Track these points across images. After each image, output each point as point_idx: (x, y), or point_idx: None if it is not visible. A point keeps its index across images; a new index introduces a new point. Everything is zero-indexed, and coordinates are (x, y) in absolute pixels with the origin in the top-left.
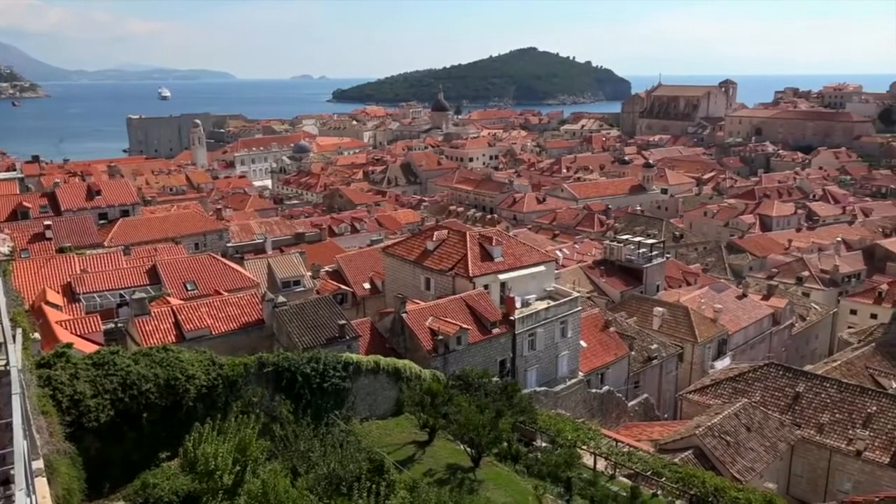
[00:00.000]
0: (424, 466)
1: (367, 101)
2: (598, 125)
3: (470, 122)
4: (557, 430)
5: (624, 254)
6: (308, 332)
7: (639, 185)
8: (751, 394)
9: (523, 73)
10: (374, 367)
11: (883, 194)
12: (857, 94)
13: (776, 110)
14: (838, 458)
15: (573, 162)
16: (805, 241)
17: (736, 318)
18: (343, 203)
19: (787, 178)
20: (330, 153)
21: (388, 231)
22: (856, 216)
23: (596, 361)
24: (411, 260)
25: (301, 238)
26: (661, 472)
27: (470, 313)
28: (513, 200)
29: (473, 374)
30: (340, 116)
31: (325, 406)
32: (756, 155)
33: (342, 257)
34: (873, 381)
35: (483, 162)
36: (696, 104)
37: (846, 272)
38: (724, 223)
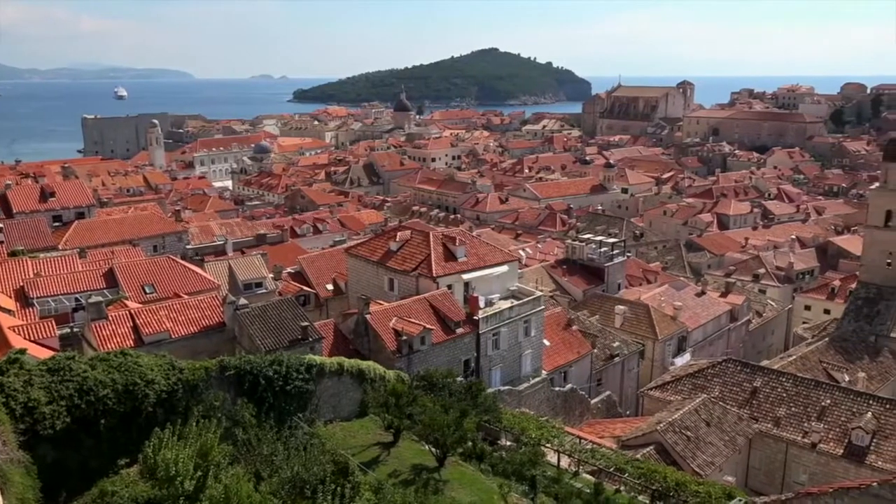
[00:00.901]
0: (389, 467)
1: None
2: (559, 125)
3: (432, 122)
4: (522, 429)
5: (586, 253)
6: (270, 335)
7: (600, 184)
8: (710, 389)
9: (485, 73)
10: (338, 369)
11: (835, 193)
12: (809, 95)
13: (732, 111)
14: (794, 450)
15: (535, 162)
16: (761, 239)
17: (695, 315)
18: (305, 204)
19: (744, 177)
20: (291, 154)
21: (351, 232)
22: (809, 214)
23: (559, 360)
24: (374, 261)
25: (262, 239)
26: (624, 468)
27: (434, 313)
28: (476, 200)
29: (438, 375)
30: (302, 117)
31: (288, 409)
32: (713, 155)
33: (304, 258)
34: (827, 374)
35: (446, 162)
36: (654, 105)
37: (800, 269)
38: (683, 222)
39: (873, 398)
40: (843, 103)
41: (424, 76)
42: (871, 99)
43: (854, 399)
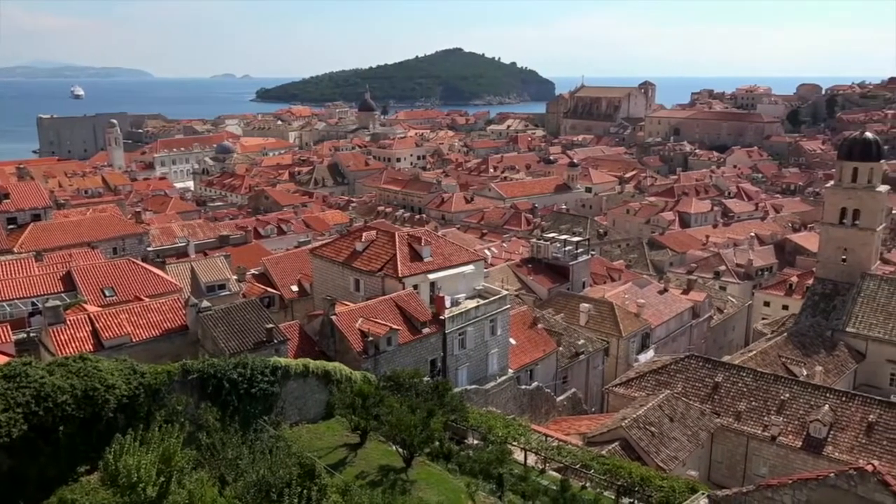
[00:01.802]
0: (356, 469)
1: (292, 100)
2: (523, 125)
3: (397, 122)
4: (488, 428)
5: (550, 252)
6: (234, 337)
7: (564, 184)
8: (673, 385)
9: (449, 73)
10: (304, 371)
11: (792, 191)
12: (766, 95)
13: (693, 111)
14: (755, 443)
15: (500, 162)
16: (721, 236)
17: (658, 312)
18: (269, 204)
19: (704, 176)
20: (254, 154)
21: (316, 232)
22: (767, 212)
23: (525, 358)
24: (340, 261)
25: (225, 241)
26: (590, 464)
27: (400, 314)
28: (441, 200)
29: (404, 375)
30: (265, 116)
31: (253, 412)
32: (674, 154)
33: (269, 260)
34: (786, 369)
35: (411, 162)
36: (617, 105)
37: (759, 266)
38: (646, 220)
39: (830, 391)
40: (799, 104)
41: (389, 76)
42: (826, 99)
43: (812, 392)
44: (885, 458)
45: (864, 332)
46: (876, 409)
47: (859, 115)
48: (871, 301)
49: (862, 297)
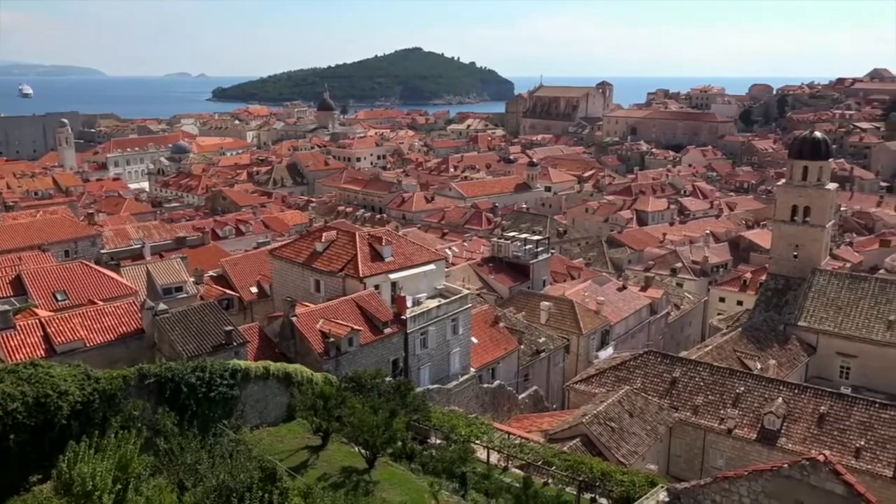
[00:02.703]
0: (318, 471)
1: (249, 100)
2: (483, 125)
3: (357, 121)
4: (451, 427)
5: (511, 250)
6: (192, 340)
7: (524, 183)
8: (632, 381)
9: (409, 73)
10: (264, 373)
11: (745, 189)
12: (720, 96)
13: (649, 111)
14: (712, 436)
15: (460, 161)
16: (678, 234)
17: (617, 309)
18: (227, 205)
19: (661, 175)
20: (211, 154)
21: (275, 233)
22: (722, 210)
23: (487, 357)
24: (300, 262)
25: (182, 242)
26: (552, 461)
27: (361, 314)
28: (401, 200)
29: (366, 375)
30: (222, 116)
31: (212, 416)
32: (632, 153)
33: (227, 261)
34: (741, 363)
35: (371, 162)
36: (575, 105)
37: (715, 263)
38: (604, 219)
39: (783, 384)
40: (752, 103)
41: (348, 75)
42: (777, 99)
43: (766, 385)
44: (836, 448)
45: (815, 325)
46: (827, 401)
47: (809, 115)
48: (821, 296)
49: (813, 292)
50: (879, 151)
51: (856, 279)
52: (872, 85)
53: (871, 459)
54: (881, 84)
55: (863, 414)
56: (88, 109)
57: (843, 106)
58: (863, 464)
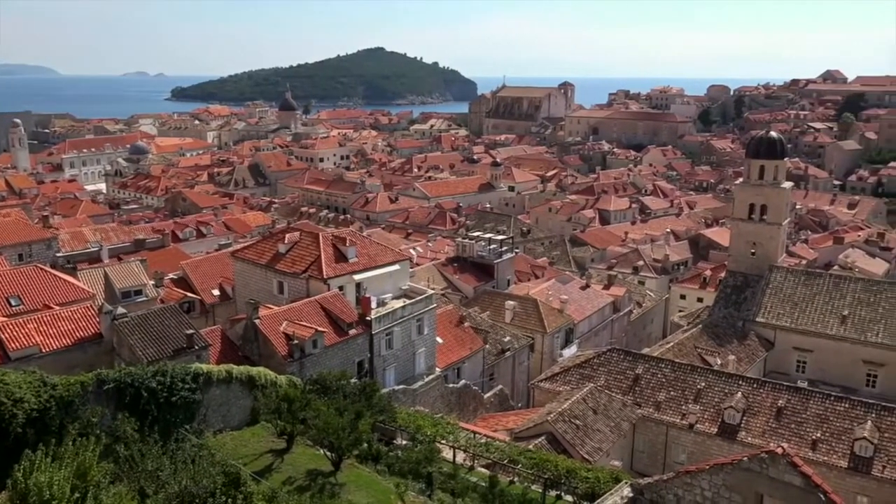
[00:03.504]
0: (283, 475)
1: (209, 99)
2: (446, 125)
3: (319, 121)
4: (417, 427)
5: (475, 250)
6: (152, 344)
7: (487, 183)
8: (596, 378)
9: (372, 72)
10: (227, 377)
11: (704, 188)
12: (679, 96)
13: (610, 111)
14: (674, 432)
15: (424, 161)
16: (639, 233)
17: (581, 307)
18: (187, 207)
19: (622, 174)
20: (171, 154)
21: (237, 235)
22: (682, 209)
23: (452, 356)
24: (263, 264)
25: (141, 245)
26: (518, 459)
27: (325, 316)
28: (365, 200)
29: (331, 377)
30: (181, 116)
31: (174, 421)
32: (594, 153)
33: (188, 263)
34: (701, 359)
35: (334, 162)
36: (538, 105)
37: (675, 260)
38: (567, 218)
39: (742, 379)
40: (710, 104)
41: (310, 75)
42: (734, 100)
43: (726, 381)
44: (794, 440)
45: (773, 321)
46: (784, 395)
47: (765, 115)
48: (778, 292)
49: (770, 289)
50: (832, 151)
51: (811, 275)
52: (825, 86)
53: (827, 451)
54: (833, 85)
55: (819, 407)
56: (42, 109)
57: (797, 106)
58: (819, 455)
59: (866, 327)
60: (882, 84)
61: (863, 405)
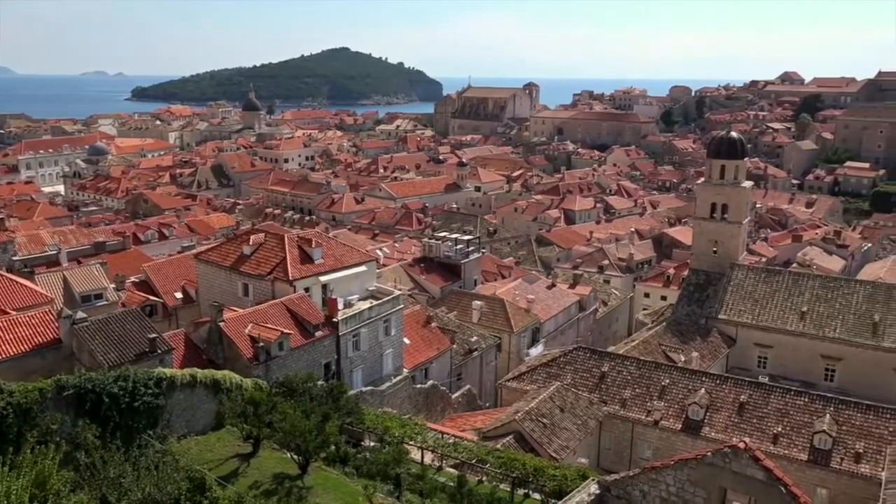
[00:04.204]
0: (250, 479)
1: (171, 99)
2: (412, 125)
3: (284, 122)
4: (385, 429)
5: (442, 251)
6: (114, 349)
7: (454, 183)
8: (563, 377)
9: (336, 73)
10: (191, 381)
11: (667, 188)
12: (642, 97)
13: (575, 111)
14: (639, 428)
15: (390, 162)
16: (604, 232)
17: (547, 307)
18: (148, 208)
19: (587, 174)
20: (131, 155)
21: (201, 237)
22: (645, 208)
23: (420, 357)
24: (227, 266)
25: (101, 247)
26: (486, 458)
27: (291, 318)
28: (331, 201)
29: (297, 380)
30: (142, 116)
31: (137, 426)
32: (559, 153)
33: (150, 266)
34: (666, 356)
35: (299, 163)
36: (503, 105)
37: (639, 259)
38: (533, 218)
39: (705, 375)
40: (672, 104)
41: (274, 75)
42: (696, 101)
43: (689, 377)
44: (755, 434)
45: (735, 318)
46: (746, 390)
47: (725, 116)
48: (739, 289)
49: (731, 286)
50: (790, 150)
51: (771, 273)
52: (783, 87)
53: (787, 444)
54: (791, 86)
55: (779, 401)
56: None
57: (756, 107)
58: (780, 449)
59: (824, 323)
60: (837, 85)
61: (821, 399)
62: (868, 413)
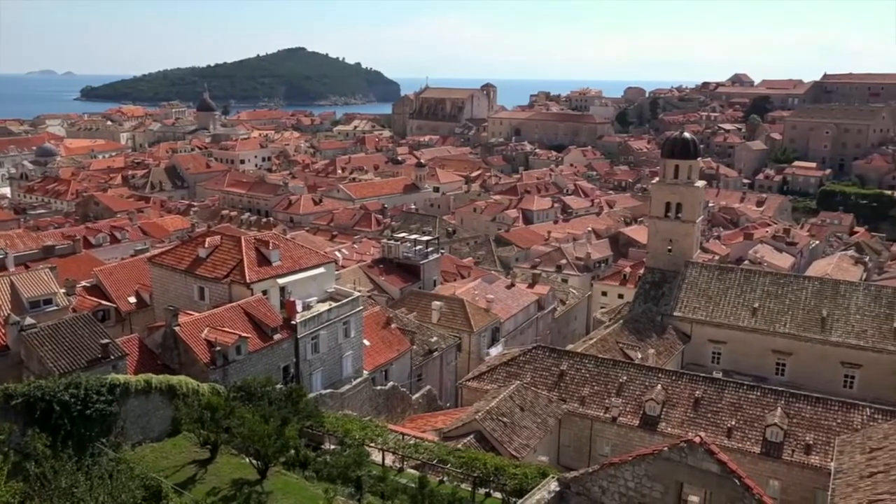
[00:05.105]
0: (207, 485)
1: (122, 99)
2: (370, 126)
3: (239, 122)
4: (345, 431)
5: (401, 251)
6: (65, 356)
7: (412, 184)
8: (522, 376)
9: (293, 73)
10: (146, 387)
11: (623, 188)
12: (597, 98)
13: (532, 112)
14: (598, 425)
15: (348, 163)
16: (562, 231)
17: (506, 306)
18: (100, 211)
19: (544, 175)
20: (81, 157)
21: (155, 239)
22: (602, 208)
23: (379, 358)
24: (182, 269)
25: (51, 251)
26: (447, 458)
27: (249, 321)
28: (288, 202)
29: (256, 384)
30: (92, 116)
31: (89, 435)
32: (516, 154)
33: (101, 270)
34: (623, 354)
35: (255, 164)
36: (461, 106)
37: (597, 258)
38: (492, 218)
39: (662, 371)
40: (627, 105)
41: (229, 75)
42: (650, 102)
43: (646, 374)
44: (710, 429)
45: (689, 315)
46: (701, 385)
47: (678, 117)
48: (693, 287)
49: (686, 284)
50: (741, 151)
51: (724, 270)
52: (734, 89)
53: (741, 438)
54: (741, 88)
55: (733, 396)
56: None
57: (708, 108)
58: (734, 442)
59: (775, 319)
60: (785, 87)
61: (773, 393)
62: (817, 405)
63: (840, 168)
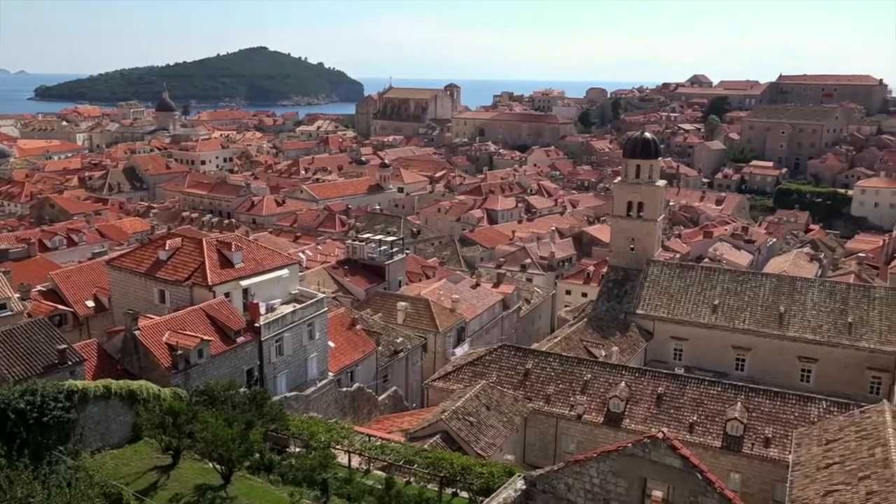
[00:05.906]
0: (170, 492)
1: (78, 99)
2: (333, 126)
3: (200, 123)
4: (310, 434)
5: (366, 252)
6: (19, 362)
7: (376, 184)
8: (488, 375)
9: (255, 72)
10: (105, 393)
11: (586, 187)
12: (560, 98)
13: (496, 113)
14: (563, 423)
15: (311, 163)
16: (526, 231)
17: (472, 306)
18: (55, 213)
19: (508, 174)
20: (36, 157)
21: (113, 242)
22: (566, 207)
23: (345, 360)
24: (142, 272)
25: (4, 255)
26: (413, 459)
27: (211, 324)
28: (251, 204)
29: (219, 387)
30: (47, 116)
31: (46, 442)
32: (480, 154)
33: (58, 274)
34: (587, 351)
35: (217, 165)
36: (425, 106)
37: (560, 257)
38: (457, 218)
39: (625, 369)
40: (589, 106)
41: (189, 74)
42: (612, 102)
43: (610, 371)
44: (673, 424)
45: (651, 313)
46: (663, 382)
47: (639, 117)
48: (655, 285)
49: (648, 282)
50: (700, 150)
51: (684, 268)
52: (693, 90)
53: (702, 433)
54: (700, 89)
55: (694, 392)
56: None
57: (668, 108)
58: (696, 437)
59: (734, 315)
60: (742, 88)
61: (733, 388)
62: (776, 400)
63: (796, 167)
